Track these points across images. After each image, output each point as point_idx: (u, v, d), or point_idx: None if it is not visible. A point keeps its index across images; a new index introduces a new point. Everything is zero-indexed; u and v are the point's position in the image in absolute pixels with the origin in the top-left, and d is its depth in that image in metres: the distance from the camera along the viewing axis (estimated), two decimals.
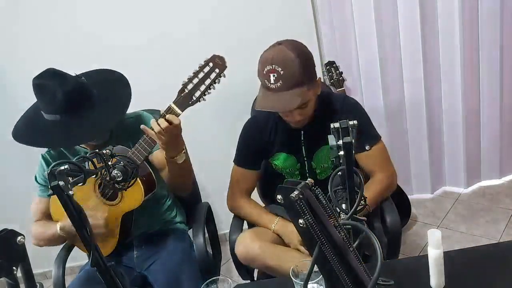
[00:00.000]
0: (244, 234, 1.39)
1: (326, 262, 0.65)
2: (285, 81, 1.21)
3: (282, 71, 1.21)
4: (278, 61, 1.21)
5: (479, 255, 1.06)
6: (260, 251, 1.29)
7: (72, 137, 1.30)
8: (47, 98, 1.27)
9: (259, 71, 1.27)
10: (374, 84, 2.26)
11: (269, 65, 1.22)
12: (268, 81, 1.23)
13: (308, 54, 1.28)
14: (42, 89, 1.27)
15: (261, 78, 1.27)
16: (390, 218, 1.35)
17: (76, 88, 1.28)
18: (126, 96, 1.35)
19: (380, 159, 1.41)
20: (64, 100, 1.25)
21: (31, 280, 0.68)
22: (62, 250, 1.53)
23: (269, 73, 1.22)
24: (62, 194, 0.74)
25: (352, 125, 0.84)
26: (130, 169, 1.07)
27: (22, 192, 2.29)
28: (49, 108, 1.28)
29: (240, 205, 1.51)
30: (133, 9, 2.07)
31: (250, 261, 1.34)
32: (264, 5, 2.09)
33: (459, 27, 2.11)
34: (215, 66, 1.24)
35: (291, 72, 1.21)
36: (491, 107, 2.35)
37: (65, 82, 1.27)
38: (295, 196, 0.60)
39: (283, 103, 1.23)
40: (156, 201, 1.54)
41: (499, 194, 2.46)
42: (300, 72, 1.22)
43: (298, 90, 1.22)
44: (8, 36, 2.08)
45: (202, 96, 1.26)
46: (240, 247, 1.35)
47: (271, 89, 1.24)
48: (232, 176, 1.54)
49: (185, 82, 1.25)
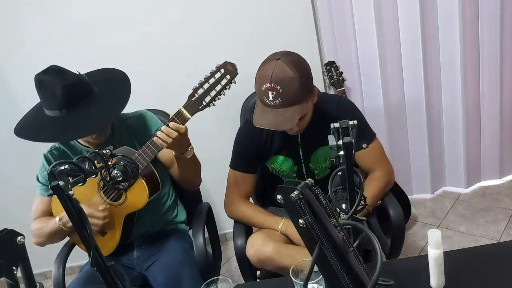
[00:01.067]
0: (254, 237, 1.36)
1: (326, 262, 0.65)
2: (284, 99, 1.19)
3: (281, 90, 1.18)
4: (277, 79, 1.18)
5: (479, 255, 1.06)
6: (273, 252, 1.27)
7: (71, 131, 1.30)
8: (48, 93, 1.27)
9: (257, 87, 1.24)
10: (374, 84, 2.26)
11: (267, 83, 1.19)
12: (267, 97, 1.21)
13: (307, 68, 1.25)
14: (42, 85, 1.28)
15: (258, 94, 1.25)
16: (393, 212, 1.36)
17: (76, 83, 1.29)
18: (126, 92, 1.35)
19: (378, 156, 1.44)
20: (63, 95, 1.25)
21: (31, 280, 0.68)
22: (62, 250, 1.53)
23: (268, 91, 1.20)
24: (62, 194, 0.74)
25: (352, 125, 0.84)
26: (130, 169, 1.07)
27: (22, 192, 2.30)
28: (50, 103, 1.29)
29: (240, 209, 1.48)
30: (144, 12, 2.08)
31: (263, 263, 1.32)
32: (264, 6, 2.09)
33: (459, 26, 2.11)
34: (226, 72, 1.24)
35: (291, 91, 1.19)
36: (491, 107, 2.35)
37: (65, 77, 1.27)
38: (295, 196, 0.60)
39: (282, 121, 1.21)
40: (158, 201, 1.54)
41: (499, 194, 2.46)
42: (299, 90, 1.20)
43: (297, 107, 1.21)
44: (8, 36, 2.08)
45: (212, 102, 1.26)
46: (251, 250, 1.32)
47: (269, 105, 1.22)
48: (230, 181, 1.50)
49: (195, 87, 1.25)
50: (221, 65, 1.25)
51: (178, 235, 1.56)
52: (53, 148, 1.49)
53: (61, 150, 1.48)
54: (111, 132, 1.48)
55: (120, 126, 1.50)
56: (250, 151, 1.47)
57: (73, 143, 1.49)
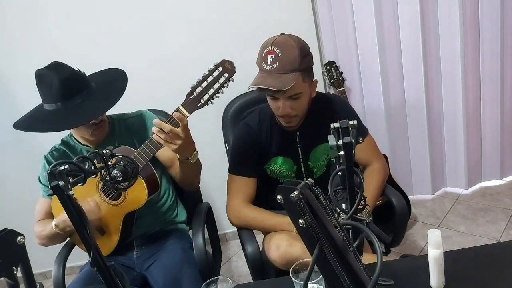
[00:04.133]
0: (277, 238, 1.31)
1: (326, 262, 0.65)
2: (281, 64, 1.23)
3: (280, 53, 1.23)
4: (278, 44, 1.24)
5: (479, 255, 1.06)
6: (303, 252, 1.23)
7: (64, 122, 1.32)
8: (45, 86, 1.30)
9: (259, 56, 1.28)
10: (374, 84, 2.26)
11: (269, 47, 1.25)
12: (266, 62, 1.25)
13: (309, 50, 1.30)
14: (41, 79, 1.30)
15: (259, 62, 1.28)
16: (395, 200, 1.42)
17: (72, 77, 1.31)
18: (121, 87, 1.37)
19: (372, 149, 1.49)
20: (59, 88, 1.28)
21: (31, 280, 0.68)
22: (62, 250, 1.53)
23: (267, 55, 1.24)
24: (62, 194, 0.74)
25: (352, 125, 0.84)
26: (130, 169, 1.07)
27: (22, 192, 2.31)
28: (47, 97, 1.31)
29: (247, 214, 1.43)
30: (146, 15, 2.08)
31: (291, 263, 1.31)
32: (264, 5, 2.09)
33: (460, 27, 2.11)
34: (224, 70, 1.25)
35: (289, 57, 1.23)
36: (491, 107, 2.35)
37: (62, 71, 1.30)
38: (295, 196, 0.60)
39: (277, 83, 1.22)
40: (157, 201, 1.54)
41: (499, 194, 2.46)
42: (297, 59, 1.23)
43: (293, 75, 1.23)
44: (8, 36, 2.08)
45: (210, 100, 1.27)
46: (277, 252, 1.28)
47: (266, 70, 1.25)
48: (231, 187, 1.46)
49: (194, 85, 1.26)
50: (219, 63, 1.26)
51: (178, 235, 1.56)
52: (53, 149, 1.50)
53: (62, 151, 1.49)
54: (111, 131, 1.49)
55: (120, 125, 1.51)
56: (250, 154, 1.45)
57: (73, 143, 1.50)
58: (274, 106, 1.34)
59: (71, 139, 1.51)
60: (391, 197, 1.44)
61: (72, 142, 1.50)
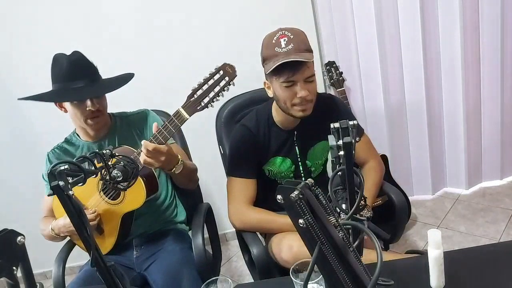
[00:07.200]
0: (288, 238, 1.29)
1: (326, 262, 0.65)
2: (296, 44, 1.23)
3: (292, 36, 1.24)
4: (286, 29, 1.26)
5: (479, 255, 1.06)
6: None
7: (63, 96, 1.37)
8: (57, 67, 1.37)
9: (268, 45, 1.26)
10: (374, 84, 2.26)
11: (279, 32, 1.26)
12: (279, 46, 1.24)
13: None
14: (55, 60, 1.38)
15: (270, 50, 1.25)
16: (395, 195, 1.45)
17: (80, 61, 1.38)
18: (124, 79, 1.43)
19: (369, 147, 1.51)
20: (67, 68, 1.34)
21: (31, 280, 0.68)
22: (62, 250, 1.54)
23: (280, 39, 1.25)
24: (62, 194, 0.74)
25: (352, 125, 0.83)
26: (130, 169, 1.07)
27: (22, 192, 2.31)
28: (57, 77, 1.37)
29: (251, 216, 1.39)
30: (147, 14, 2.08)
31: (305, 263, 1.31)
32: (263, 6, 2.09)
33: (460, 27, 2.11)
34: (225, 74, 1.25)
35: (301, 37, 1.25)
36: (492, 107, 2.35)
37: (74, 54, 1.38)
38: (295, 196, 0.60)
39: (300, 58, 1.21)
40: (156, 201, 1.55)
41: (499, 194, 2.46)
42: (307, 40, 1.26)
43: (309, 54, 1.25)
44: (9, 36, 2.08)
45: (211, 103, 1.27)
46: (289, 253, 1.26)
47: (283, 52, 1.24)
48: (232, 189, 1.42)
49: (194, 87, 1.26)
50: (220, 66, 1.26)
51: (177, 235, 1.56)
52: (56, 147, 1.53)
53: (63, 149, 1.52)
54: (112, 127, 1.52)
55: (122, 122, 1.54)
56: (249, 155, 1.43)
57: (75, 139, 1.52)
58: (289, 94, 1.28)
59: (74, 135, 1.54)
60: (390, 193, 1.46)
61: (75, 138, 1.53)
